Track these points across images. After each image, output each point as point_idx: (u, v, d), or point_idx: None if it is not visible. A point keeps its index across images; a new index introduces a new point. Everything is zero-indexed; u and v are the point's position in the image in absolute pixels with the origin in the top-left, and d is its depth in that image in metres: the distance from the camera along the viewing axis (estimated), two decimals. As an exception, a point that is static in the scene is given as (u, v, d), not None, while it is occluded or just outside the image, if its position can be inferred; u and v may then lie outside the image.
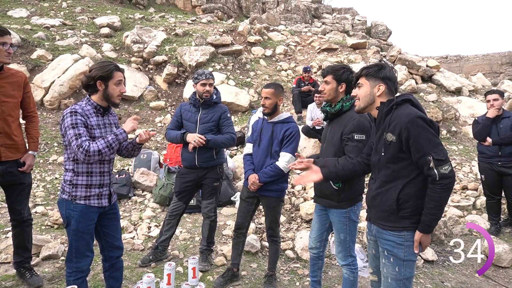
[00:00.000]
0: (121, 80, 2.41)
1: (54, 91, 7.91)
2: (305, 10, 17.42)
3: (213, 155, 3.53)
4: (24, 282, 3.11)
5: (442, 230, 4.41)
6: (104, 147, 2.29)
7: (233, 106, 8.60)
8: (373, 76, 2.13)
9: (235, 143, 3.61)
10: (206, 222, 3.66)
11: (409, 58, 10.59)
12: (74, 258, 2.39)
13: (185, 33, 10.76)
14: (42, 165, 6.24)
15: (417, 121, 1.93)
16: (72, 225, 2.37)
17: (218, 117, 3.52)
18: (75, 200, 2.36)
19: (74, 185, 2.36)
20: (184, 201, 3.63)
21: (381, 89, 2.11)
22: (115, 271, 2.66)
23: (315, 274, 3.01)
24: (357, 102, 2.21)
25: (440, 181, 1.90)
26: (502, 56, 21.60)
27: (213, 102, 3.54)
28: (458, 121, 8.95)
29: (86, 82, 2.38)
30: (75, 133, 2.25)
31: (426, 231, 1.97)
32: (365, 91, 2.15)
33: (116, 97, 2.41)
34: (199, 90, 3.48)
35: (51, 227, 4.35)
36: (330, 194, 2.66)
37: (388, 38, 16.81)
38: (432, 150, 1.90)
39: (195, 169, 3.54)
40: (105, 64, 2.39)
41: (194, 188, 3.65)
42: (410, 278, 2.04)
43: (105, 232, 2.57)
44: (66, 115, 2.32)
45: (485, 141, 4.61)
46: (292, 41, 11.98)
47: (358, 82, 2.20)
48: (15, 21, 10.37)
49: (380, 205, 2.08)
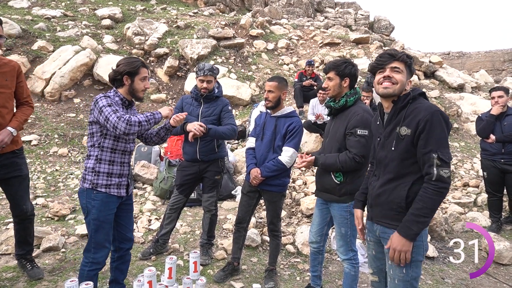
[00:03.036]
0: (146, 76, 2.53)
1: (55, 83, 7.87)
2: (307, 4, 17.28)
3: (215, 148, 3.52)
4: (24, 274, 3.11)
5: (443, 227, 4.40)
6: (144, 120, 2.39)
7: (235, 99, 8.56)
8: (409, 67, 2.00)
9: (236, 134, 3.56)
10: (207, 216, 3.64)
11: (411, 53, 10.53)
12: (93, 249, 2.41)
13: (186, 25, 10.68)
14: (43, 157, 6.22)
15: (438, 116, 1.85)
16: (92, 214, 2.39)
17: (219, 110, 3.50)
18: (96, 188, 2.40)
19: (97, 172, 2.41)
20: (185, 194, 3.62)
21: (410, 83, 2.03)
22: (122, 263, 2.68)
23: (315, 269, 3.00)
24: (393, 86, 1.96)
25: (436, 182, 1.83)
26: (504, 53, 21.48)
27: (215, 96, 3.52)
28: (460, 117, 8.91)
29: (113, 76, 2.49)
30: (113, 109, 2.34)
31: (403, 233, 1.85)
32: (403, 79, 1.97)
33: (140, 91, 2.51)
34: (198, 86, 3.47)
35: (52, 219, 4.35)
36: (331, 188, 2.65)
37: (390, 33, 16.72)
38: (439, 149, 1.84)
39: (197, 162, 3.52)
40: (132, 60, 2.50)
41: (195, 182, 3.63)
42: (417, 278, 1.96)
43: (119, 222, 2.60)
44: (99, 98, 2.39)
45: (488, 138, 4.59)
46: (294, 35, 11.90)
47: (395, 65, 1.97)
48: (16, 11, 10.29)
49: (386, 203, 1.99)
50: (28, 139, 6.46)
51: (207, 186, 3.60)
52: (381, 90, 1.99)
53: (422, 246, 1.95)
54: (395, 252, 1.88)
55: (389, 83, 1.96)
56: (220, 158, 3.61)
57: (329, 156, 2.65)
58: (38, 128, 6.92)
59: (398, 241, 1.87)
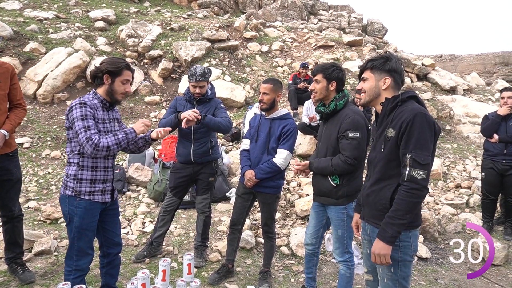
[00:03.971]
0: (128, 79, 2.41)
1: (47, 85, 7.80)
2: (301, 7, 17.37)
3: (209, 150, 3.52)
4: (16, 278, 3.07)
5: (436, 228, 4.44)
6: (114, 143, 2.27)
7: (229, 101, 8.56)
8: (379, 69, 2.04)
9: (231, 127, 3.52)
10: (201, 218, 3.64)
11: (404, 56, 10.63)
12: (75, 256, 2.34)
13: (180, 27, 10.67)
14: (35, 160, 6.16)
15: (420, 117, 1.86)
16: (75, 222, 2.32)
17: (213, 110, 3.50)
18: (79, 195, 2.32)
19: (79, 179, 2.32)
20: (179, 197, 3.61)
21: (387, 82, 2.02)
22: (112, 268, 2.63)
23: (310, 271, 3.01)
24: (362, 95, 2.12)
25: (407, 183, 1.83)
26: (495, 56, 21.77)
27: (208, 98, 3.51)
28: (452, 119, 9.00)
29: (94, 73, 2.39)
30: (84, 125, 2.21)
31: (380, 236, 1.88)
32: (371, 85, 2.06)
33: (119, 94, 2.40)
34: (191, 90, 3.45)
35: (44, 222, 4.30)
36: (328, 192, 2.67)
37: (384, 36, 16.85)
38: (415, 151, 1.83)
39: (190, 164, 3.52)
40: (117, 60, 2.40)
41: (188, 183, 3.62)
42: (407, 277, 1.98)
43: (105, 228, 2.54)
44: (75, 106, 2.26)
45: (491, 137, 4.60)
46: (288, 38, 11.94)
47: (363, 76, 2.12)
48: (8, 13, 10.19)
49: (374, 203, 2.03)
50: (20, 142, 6.39)
51: (201, 188, 3.59)
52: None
53: (410, 247, 1.96)
54: (375, 256, 1.91)
55: (359, 96, 2.18)
56: (214, 160, 3.61)
57: (322, 160, 2.68)
58: (30, 130, 6.85)
59: (376, 245, 1.90)
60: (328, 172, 2.63)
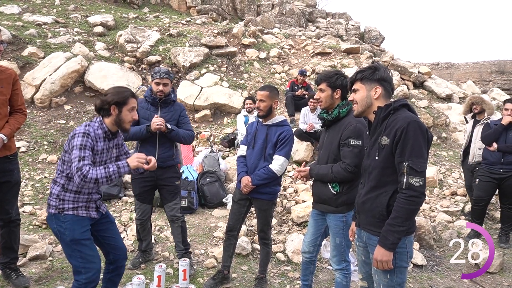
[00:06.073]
0: (134, 106, 2.46)
1: (45, 89, 7.80)
2: (299, 14, 17.50)
3: (173, 154, 3.47)
4: (10, 283, 3.05)
5: (431, 235, 4.45)
6: (103, 176, 2.24)
7: (226, 107, 8.58)
8: (369, 79, 2.09)
9: (193, 140, 3.56)
10: (176, 225, 3.46)
11: (401, 64, 10.71)
12: (83, 269, 2.31)
13: (179, 33, 10.72)
14: (32, 164, 6.14)
15: (414, 125, 1.90)
16: (67, 236, 2.31)
17: (178, 115, 3.49)
18: (62, 212, 2.34)
19: (61, 199, 2.35)
20: (148, 202, 3.52)
21: (378, 91, 2.07)
22: (116, 276, 2.62)
23: (306, 278, 3.01)
24: (355, 106, 2.17)
25: (405, 190, 1.87)
26: (491, 64, 22.00)
27: (172, 100, 3.49)
28: (448, 127, 9.06)
29: (100, 105, 2.41)
30: (80, 155, 2.23)
31: (381, 243, 1.93)
32: (362, 95, 2.11)
33: (127, 123, 2.45)
34: (154, 89, 3.42)
35: (39, 226, 4.29)
36: (328, 199, 2.68)
37: (381, 44, 16.98)
38: (411, 158, 1.87)
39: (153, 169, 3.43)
40: (121, 90, 2.44)
41: (153, 188, 3.50)
42: (402, 283, 2.01)
43: (104, 236, 2.55)
44: (78, 134, 2.29)
45: (490, 145, 4.64)
46: (286, 44, 12.02)
47: (354, 87, 2.17)
48: (6, 17, 10.22)
49: (370, 210, 2.06)
50: (17, 146, 6.37)
51: (169, 193, 3.46)
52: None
53: (406, 253, 2.00)
54: (377, 262, 1.96)
55: (353, 107, 2.19)
56: (176, 165, 3.55)
57: (323, 167, 2.69)
58: (27, 134, 6.83)
59: (378, 251, 1.95)
60: (328, 179, 2.64)
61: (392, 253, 1.93)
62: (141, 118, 3.40)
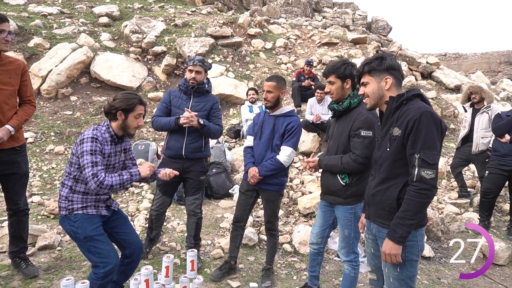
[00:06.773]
0: (141, 113, 2.51)
1: (51, 80, 7.81)
2: (305, 4, 17.27)
3: (202, 146, 3.37)
4: (19, 272, 3.09)
5: (439, 227, 4.42)
6: (117, 183, 2.35)
7: (232, 98, 8.54)
8: (377, 70, 2.02)
9: (220, 135, 3.54)
10: (192, 220, 3.41)
11: (409, 54, 10.56)
12: (101, 264, 2.35)
13: (184, 24, 10.65)
14: (39, 155, 6.18)
15: (427, 116, 1.84)
16: (80, 235, 2.37)
17: (210, 106, 3.41)
18: (72, 212, 2.41)
19: (70, 200, 2.42)
20: (168, 195, 3.45)
21: (388, 81, 2.01)
22: (130, 269, 2.65)
23: (314, 269, 3.00)
24: (366, 100, 2.09)
25: (416, 183, 1.82)
26: (500, 55, 21.60)
27: (205, 90, 3.42)
28: (456, 118, 8.95)
29: (108, 110, 2.47)
30: (93, 160, 2.30)
31: (390, 236, 1.89)
32: (373, 88, 2.04)
33: (132, 129, 2.51)
34: (187, 76, 3.36)
35: (47, 217, 4.32)
36: (337, 191, 2.64)
37: (388, 34, 16.73)
38: (423, 150, 1.82)
39: (180, 160, 3.31)
40: (130, 97, 2.48)
41: (177, 181, 3.40)
42: (413, 277, 1.97)
43: (117, 232, 2.59)
44: (86, 139, 2.34)
45: (502, 137, 4.58)
46: (292, 35, 11.88)
47: (362, 80, 2.10)
48: (12, 8, 10.20)
49: (380, 203, 2.01)
50: (24, 137, 6.42)
51: (192, 187, 3.38)
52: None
53: (417, 246, 1.96)
54: (385, 256, 1.92)
55: (365, 100, 2.12)
56: (204, 158, 3.47)
57: (332, 158, 2.65)
58: (34, 125, 6.87)
59: (387, 245, 1.91)
60: (337, 170, 2.60)
61: (401, 246, 1.88)
62: (173, 106, 3.37)
